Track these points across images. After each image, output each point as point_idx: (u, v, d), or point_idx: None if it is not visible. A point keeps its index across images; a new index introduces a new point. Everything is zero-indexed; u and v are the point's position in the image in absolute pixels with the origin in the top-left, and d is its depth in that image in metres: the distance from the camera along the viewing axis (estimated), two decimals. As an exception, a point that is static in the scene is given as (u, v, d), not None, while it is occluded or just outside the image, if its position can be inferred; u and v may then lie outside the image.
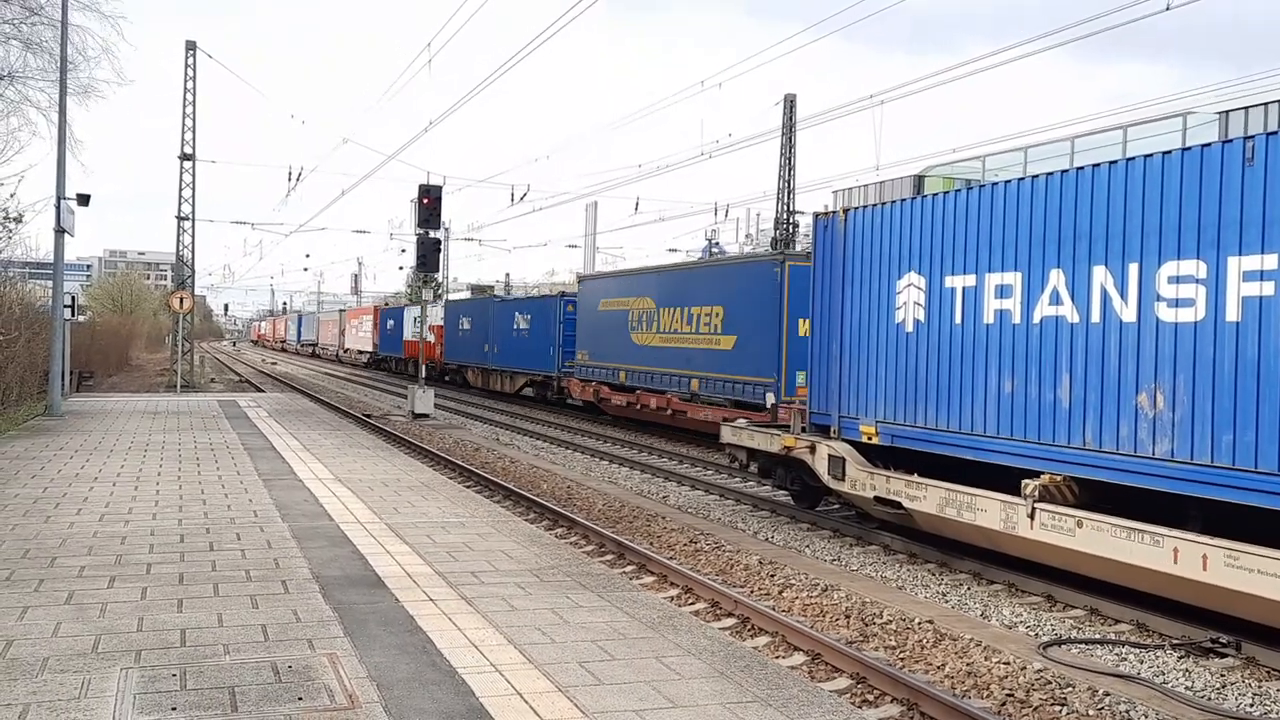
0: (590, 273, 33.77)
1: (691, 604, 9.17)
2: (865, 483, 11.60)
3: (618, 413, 25.66)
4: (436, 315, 47.32)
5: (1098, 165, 9.21)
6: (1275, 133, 7.80)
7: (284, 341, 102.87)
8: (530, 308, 33.65)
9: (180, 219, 36.23)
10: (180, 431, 17.61)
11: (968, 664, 7.54)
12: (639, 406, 24.08)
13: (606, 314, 25.70)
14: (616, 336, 25.01)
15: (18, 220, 21.40)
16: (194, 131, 35.67)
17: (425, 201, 26.05)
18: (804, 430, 12.96)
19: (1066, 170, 9.56)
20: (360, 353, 62.37)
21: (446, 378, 43.78)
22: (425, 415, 26.72)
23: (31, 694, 5.01)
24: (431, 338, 46.75)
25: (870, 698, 6.91)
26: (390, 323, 53.35)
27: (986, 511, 9.89)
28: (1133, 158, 8.93)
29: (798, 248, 40.10)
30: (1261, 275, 7.74)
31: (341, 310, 79.71)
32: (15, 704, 4.87)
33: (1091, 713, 6.70)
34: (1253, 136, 7.92)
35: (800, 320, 18.05)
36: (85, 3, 21.60)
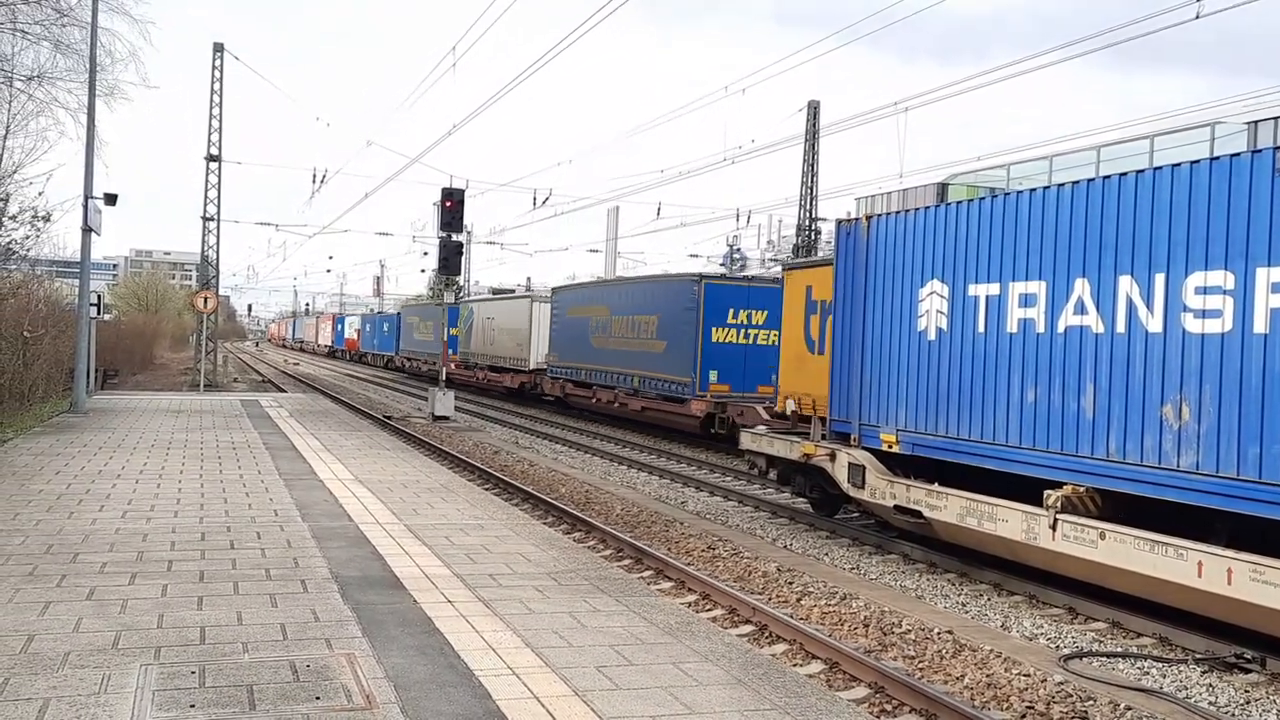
0: (407, 303, 65.66)
1: (709, 610, 9.14)
2: (885, 491, 11.54)
3: (409, 370, 53.21)
4: (355, 323, 79.74)
5: (1124, 174, 9.14)
6: (1306, 143, 7.72)
7: (284, 339, 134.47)
8: (386, 319, 65.12)
9: (205, 219, 36.50)
10: (203, 430, 17.73)
11: (987, 675, 7.48)
12: (413, 367, 52.25)
13: (409, 323, 54.22)
14: (410, 335, 53.03)
15: (45, 219, 21.61)
16: (220, 133, 35.96)
17: (448, 205, 26.14)
18: (824, 438, 12.91)
19: (1092, 179, 9.49)
20: (324, 345, 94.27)
21: (361, 360, 72.89)
22: (445, 418, 26.79)
23: (52, 689, 5.04)
24: (348, 336, 79.28)
25: (888, 707, 6.86)
26: (340, 326, 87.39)
27: (1008, 522, 9.82)
28: (1160, 167, 8.84)
29: (819, 254, 40.62)
30: (1290, 287, 7.65)
31: (318, 317, 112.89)
32: (36, 698, 4.90)
33: (1113, 727, 6.63)
34: (1283, 146, 7.84)
35: (450, 329, 38.35)
36: (114, 6, 21.80)
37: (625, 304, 26.14)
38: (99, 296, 24.38)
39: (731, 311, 21.99)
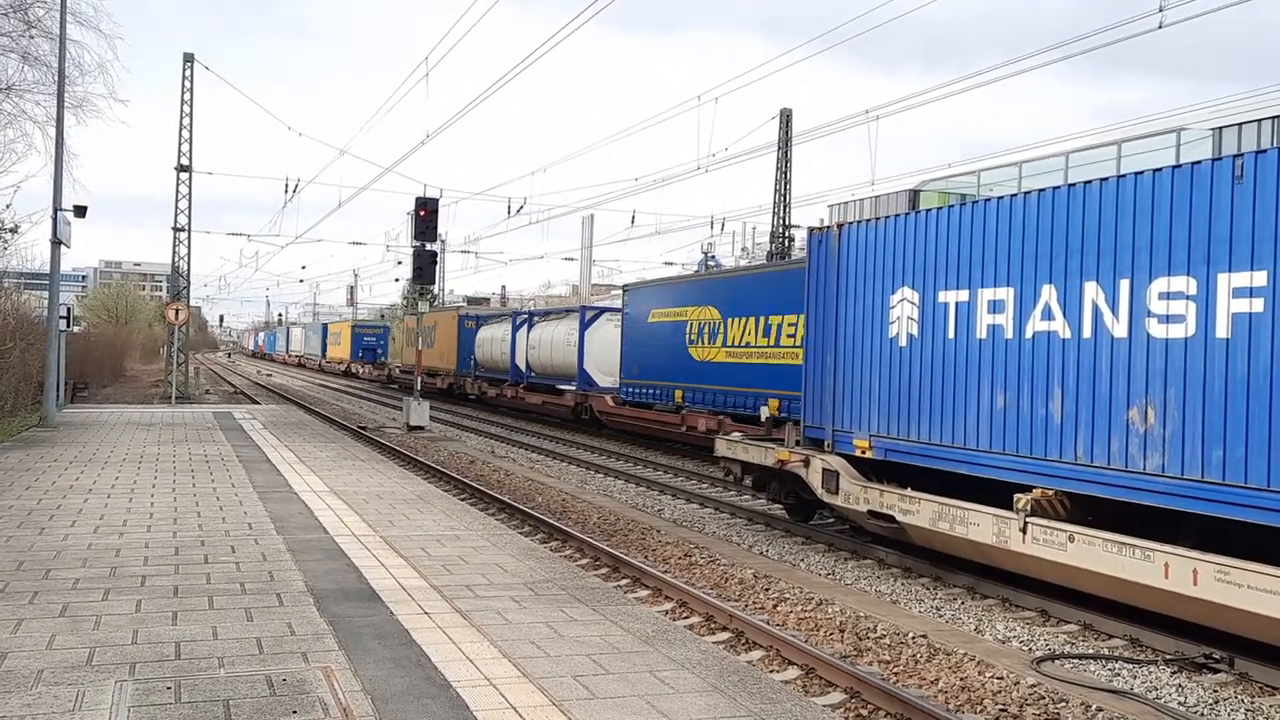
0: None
1: (686, 618, 9.19)
2: (859, 496, 11.63)
3: (279, 361, 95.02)
4: (263, 336, 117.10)
5: (1090, 182, 9.28)
6: (1264, 151, 7.88)
7: (233, 345, 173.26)
8: (274, 333, 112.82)
9: (176, 230, 36.24)
10: (175, 443, 17.61)
11: (961, 679, 7.56)
12: (281, 359, 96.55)
13: (276, 335, 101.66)
14: (279, 343, 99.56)
15: (13, 231, 21.45)
16: (191, 143, 35.74)
17: (422, 214, 26.11)
18: (798, 444, 12.99)
19: (1059, 186, 9.63)
20: (250, 350, 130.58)
21: (265, 358, 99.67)
22: (420, 427, 26.71)
23: (26, 706, 5.02)
24: (260, 343, 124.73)
25: (864, 712, 6.92)
26: (258, 337, 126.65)
27: (979, 525, 9.92)
28: (1124, 175, 8.99)
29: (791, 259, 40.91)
30: (1251, 292, 7.80)
31: (252, 332, 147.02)
32: (10, 716, 4.88)
33: (1083, 727, 6.72)
34: (1242, 154, 7.99)
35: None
36: (82, 19, 21.68)
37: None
38: (69, 309, 24.15)
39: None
